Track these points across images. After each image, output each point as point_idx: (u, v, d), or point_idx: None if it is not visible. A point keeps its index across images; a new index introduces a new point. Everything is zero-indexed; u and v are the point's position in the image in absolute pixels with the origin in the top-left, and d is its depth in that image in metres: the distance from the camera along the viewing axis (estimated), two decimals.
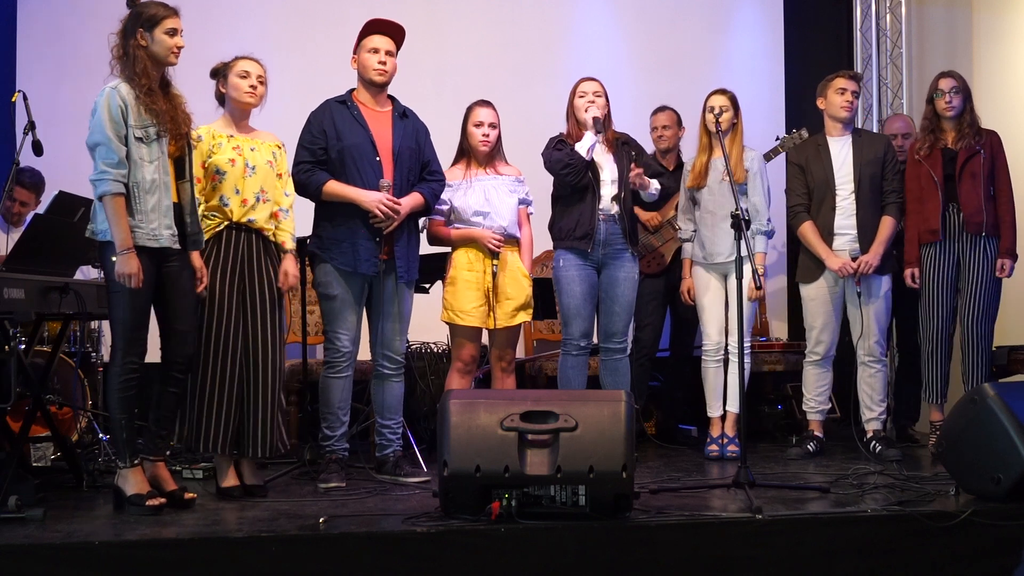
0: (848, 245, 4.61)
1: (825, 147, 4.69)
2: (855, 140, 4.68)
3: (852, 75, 4.72)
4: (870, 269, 4.54)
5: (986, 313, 4.56)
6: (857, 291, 4.56)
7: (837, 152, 4.66)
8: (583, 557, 3.01)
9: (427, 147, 4.13)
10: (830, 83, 4.69)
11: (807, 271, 4.70)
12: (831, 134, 4.72)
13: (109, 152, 3.26)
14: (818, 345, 4.69)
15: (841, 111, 4.66)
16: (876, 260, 4.54)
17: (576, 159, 4.26)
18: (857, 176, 4.60)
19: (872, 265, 4.54)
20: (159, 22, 3.37)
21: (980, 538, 3.19)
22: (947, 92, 4.58)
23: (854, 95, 4.67)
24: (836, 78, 4.69)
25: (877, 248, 4.56)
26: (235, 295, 3.64)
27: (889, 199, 4.64)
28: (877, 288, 4.61)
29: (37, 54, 5.65)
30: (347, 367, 3.96)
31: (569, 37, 6.25)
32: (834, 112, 4.69)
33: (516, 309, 4.25)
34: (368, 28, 4.05)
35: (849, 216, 4.61)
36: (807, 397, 4.76)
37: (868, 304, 4.59)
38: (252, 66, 3.74)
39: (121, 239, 3.25)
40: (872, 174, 4.62)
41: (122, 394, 3.34)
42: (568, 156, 4.26)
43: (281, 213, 3.81)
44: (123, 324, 3.33)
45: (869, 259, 4.53)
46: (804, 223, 4.66)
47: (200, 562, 2.87)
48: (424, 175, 4.10)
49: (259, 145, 3.76)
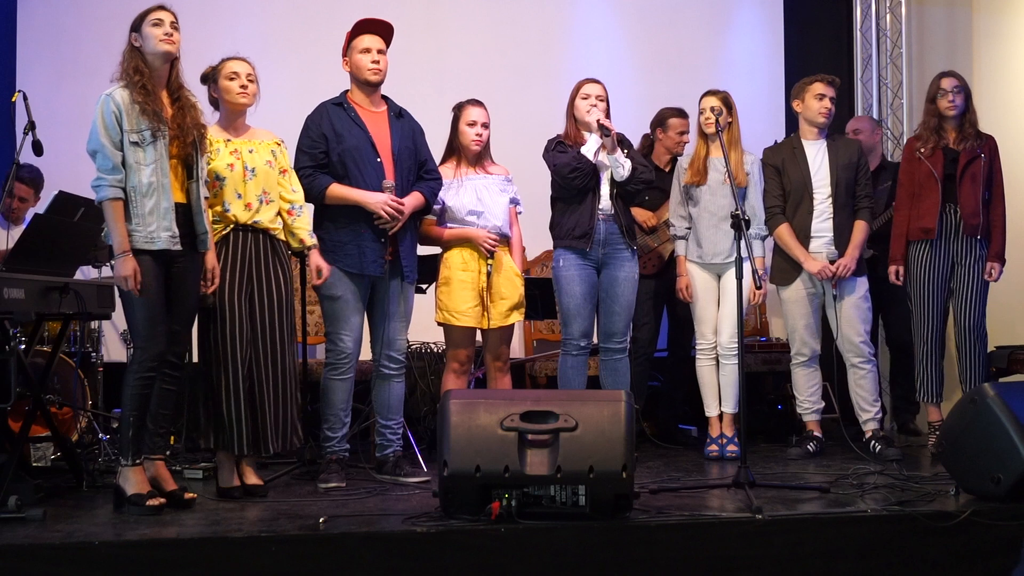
0: (825, 248, 4.62)
1: (801, 150, 4.69)
2: (830, 144, 4.69)
3: (831, 80, 4.70)
4: (847, 272, 4.56)
5: (980, 312, 4.59)
6: (833, 294, 4.58)
7: (813, 156, 4.67)
8: (583, 557, 3.01)
9: (423, 146, 4.14)
10: (808, 87, 4.69)
11: (783, 273, 4.71)
12: (806, 137, 4.72)
13: (105, 159, 3.30)
14: (803, 347, 4.69)
15: (819, 117, 4.66)
16: (853, 264, 4.58)
17: (584, 163, 4.25)
18: (834, 180, 4.62)
19: (849, 268, 4.57)
20: (144, 18, 3.42)
21: (980, 538, 3.18)
22: (949, 91, 4.59)
23: (832, 101, 4.67)
24: (815, 82, 4.68)
25: (852, 252, 4.59)
26: (244, 296, 3.65)
27: (862, 203, 4.67)
28: (853, 290, 4.62)
29: (37, 54, 5.65)
30: (350, 368, 3.96)
31: (569, 37, 6.26)
32: (811, 117, 4.68)
33: (510, 309, 4.24)
34: (357, 28, 4.05)
35: (826, 219, 4.62)
36: (800, 399, 4.77)
37: (849, 306, 4.61)
38: (239, 66, 3.73)
39: (118, 243, 3.29)
40: (847, 179, 4.63)
41: (137, 391, 3.36)
42: (575, 159, 4.25)
43: (294, 211, 3.81)
44: (138, 325, 3.37)
45: (846, 262, 4.56)
46: (780, 225, 4.67)
47: (200, 562, 2.87)
48: (421, 174, 4.10)
49: (257, 146, 3.76)
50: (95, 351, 4.85)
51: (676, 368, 5.39)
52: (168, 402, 3.53)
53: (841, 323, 4.62)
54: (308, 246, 3.83)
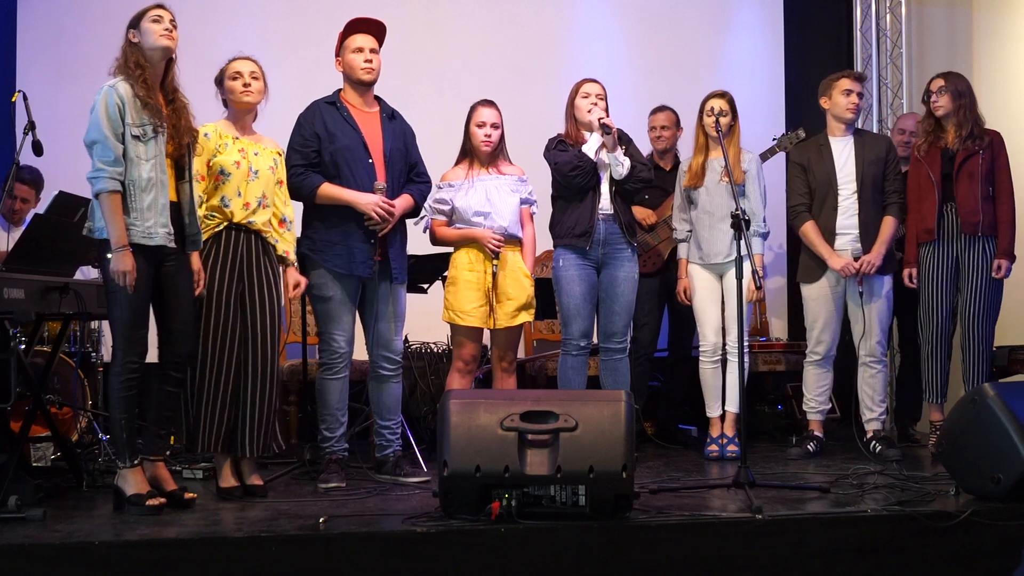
0: (850, 245, 4.61)
1: (827, 147, 4.68)
2: (857, 140, 4.68)
3: (857, 75, 4.72)
4: (872, 269, 4.54)
5: (986, 313, 4.55)
6: (859, 291, 4.56)
7: (840, 152, 4.66)
8: (583, 557, 3.01)
9: (413, 149, 4.14)
10: (835, 83, 4.68)
11: (809, 271, 4.70)
12: (834, 134, 4.71)
13: (105, 150, 3.27)
14: (819, 345, 4.69)
15: (847, 112, 4.65)
16: (879, 260, 4.54)
17: (585, 161, 4.25)
18: (860, 176, 4.60)
19: (875, 265, 4.54)
20: (143, 15, 3.42)
21: (980, 538, 3.18)
22: (934, 92, 4.59)
23: (859, 96, 4.67)
24: (841, 78, 4.68)
25: (879, 248, 4.56)
26: (234, 295, 3.64)
27: (891, 199, 4.64)
28: (879, 288, 4.61)
29: (37, 54, 5.65)
30: (343, 368, 3.96)
31: (569, 37, 6.26)
32: (839, 113, 4.67)
33: (517, 309, 4.24)
34: (349, 28, 4.04)
35: (851, 216, 4.61)
36: (807, 397, 4.76)
37: (870, 304, 4.59)
38: (243, 65, 3.74)
39: (116, 237, 3.26)
40: (874, 174, 4.61)
41: (122, 394, 3.34)
42: (576, 158, 4.25)
43: (284, 223, 3.83)
44: (122, 324, 3.33)
45: (872, 259, 4.53)
46: (806, 223, 4.66)
47: (200, 562, 2.87)
48: (411, 176, 4.10)
49: (262, 150, 3.77)
50: (95, 351, 4.85)
51: (676, 368, 5.39)
52: (172, 404, 3.52)
53: (867, 320, 4.60)
54: (288, 262, 3.82)
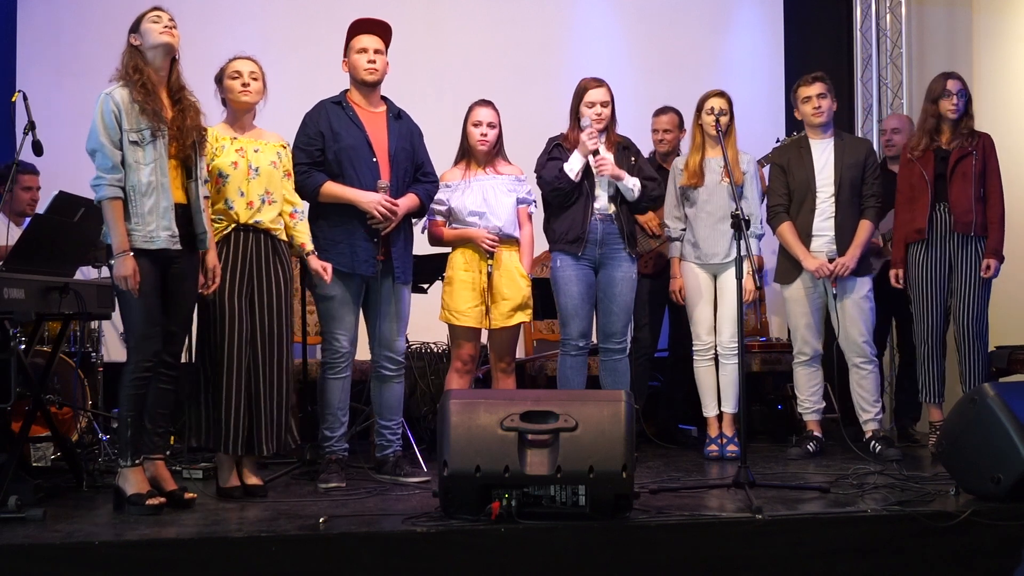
0: (826, 247, 4.62)
1: (807, 149, 4.70)
2: (838, 143, 4.69)
3: (813, 78, 4.69)
4: (846, 271, 4.55)
5: (980, 312, 4.56)
6: (833, 293, 4.58)
7: (819, 155, 4.67)
8: (583, 557, 3.01)
9: (420, 149, 4.13)
10: (795, 94, 4.74)
11: (785, 272, 4.73)
12: (813, 137, 4.73)
13: (104, 158, 3.30)
14: (804, 346, 4.70)
15: (813, 118, 4.68)
16: (852, 263, 4.56)
17: (565, 182, 4.27)
18: (838, 179, 4.61)
19: (848, 267, 4.55)
20: (142, 18, 3.44)
21: (980, 538, 3.18)
22: (955, 94, 4.55)
23: (820, 97, 4.64)
24: (799, 88, 4.71)
25: (854, 251, 4.58)
26: (244, 296, 3.65)
27: (868, 203, 4.65)
28: (855, 290, 4.61)
29: (37, 54, 5.65)
30: (345, 367, 3.96)
31: (569, 37, 6.26)
32: (807, 120, 4.72)
33: (513, 309, 4.23)
34: (355, 28, 4.04)
35: (828, 218, 4.62)
36: (801, 398, 4.77)
37: (844, 304, 4.60)
38: (242, 64, 3.75)
39: (117, 242, 3.29)
40: (852, 177, 4.62)
41: (131, 392, 3.36)
42: (557, 179, 4.28)
43: (296, 214, 3.83)
44: (134, 325, 3.37)
45: (846, 261, 4.55)
46: (783, 224, 4.67)
47: (200, 562, 2.87)
48: (418, 176, 4.10)
49: (263, 146, 3.77)
50: (95, 351, 4.85)
51: (676, 368, 5.38)
52: (166, 401, 3.53)
53: (843, 322, 4.62)
54: (307, 252, 3.83)
